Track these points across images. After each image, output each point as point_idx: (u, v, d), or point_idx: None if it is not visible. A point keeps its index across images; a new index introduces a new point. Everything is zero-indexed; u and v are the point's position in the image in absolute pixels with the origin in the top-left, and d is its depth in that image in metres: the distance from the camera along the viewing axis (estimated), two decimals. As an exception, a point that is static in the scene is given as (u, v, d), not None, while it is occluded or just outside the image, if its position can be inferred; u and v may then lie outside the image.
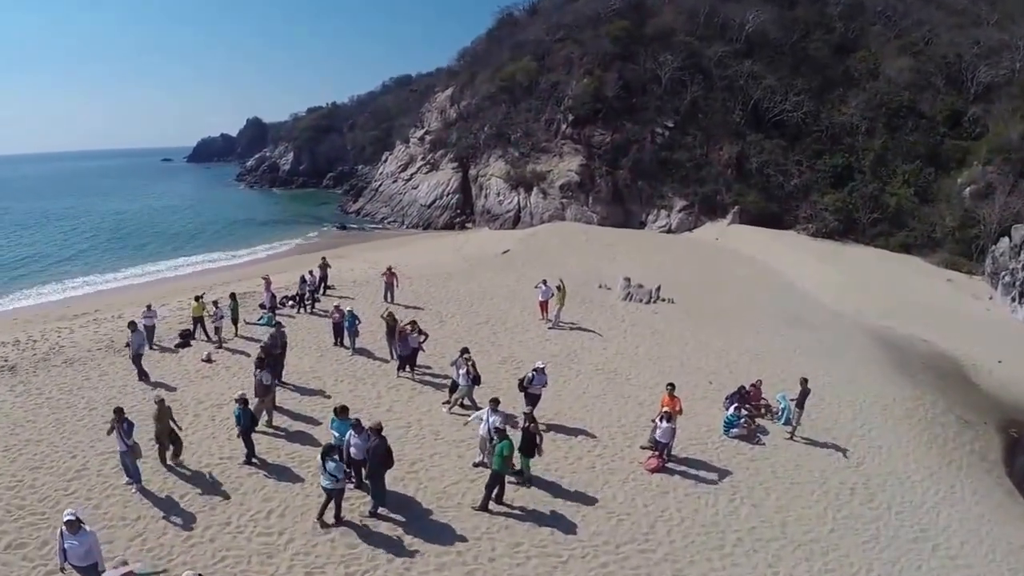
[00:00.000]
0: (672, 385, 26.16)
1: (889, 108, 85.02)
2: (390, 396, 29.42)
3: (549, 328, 40.88)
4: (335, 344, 35.53)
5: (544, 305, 42.06)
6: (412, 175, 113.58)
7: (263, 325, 38.53)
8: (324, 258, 49.48)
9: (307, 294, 43.27)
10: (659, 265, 61.36)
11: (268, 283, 42.35)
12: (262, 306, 41.59)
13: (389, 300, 44.16)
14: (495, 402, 22.84)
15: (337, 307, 35.72)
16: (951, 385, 38.44)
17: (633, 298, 48.05)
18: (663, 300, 48.59)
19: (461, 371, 27.07)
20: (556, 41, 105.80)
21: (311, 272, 44.95)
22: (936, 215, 72.67)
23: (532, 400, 25.60)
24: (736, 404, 28.33)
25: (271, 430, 25.16)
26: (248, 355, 32.74)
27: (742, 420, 27.62)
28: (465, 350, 27.94)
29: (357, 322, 34.34)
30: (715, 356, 37.98)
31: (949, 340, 45.60)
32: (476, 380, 27.18)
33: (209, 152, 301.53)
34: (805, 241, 74.36)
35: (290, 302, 43.41)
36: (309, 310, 42.78)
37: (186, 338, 36.11)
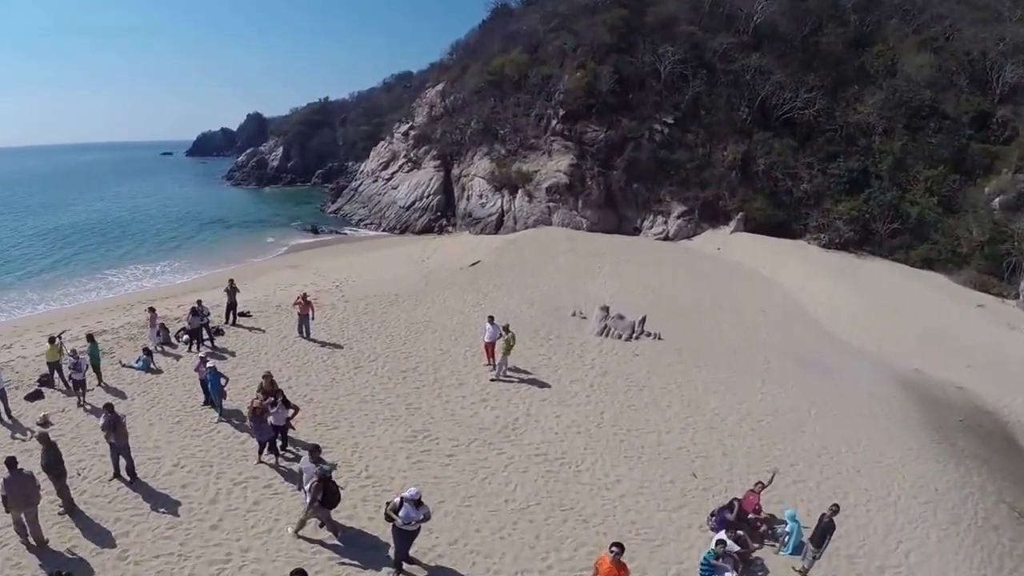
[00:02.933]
0: (618, 548, 15.95)
1: (909, 107, 76.97)
2: (234, 497, 21.23)
3: (492, 379, 32.72)
4: (204, 404, 27.74)
5: (489, 348, 33.90)
6: (393, 174, 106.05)
7: (139, 369, 31.23)
8: (231, 281, 40.18)
9: (201, 328, 35.29)
10: (649, 282, 54.27)
11: (154, 316, 35.15)
12: (146, 350, 32.90)
13: (304, 335, 37.04)
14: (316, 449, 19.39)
15: (203, 359, 27.86)
16: (996, 455, 30.85)
17: (611, 333, 39.89)
18: (648, 335, 40.50)
19: (308, 482, 18.63)
20: (549, 32, 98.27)
21: (200, 302, 35.82)
22: (962, 227, 64.97)
23: (402, 541, 17.77)
24: (725, 527, 20.06)
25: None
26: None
27: (730, 555, 19.00)
28: (316, 448, 19.55)
29: (222, 381, 26.72)
30: (705, 426, 29.52)
31: (988, 387, 38.29)
32: (328, 501, 18.63)
33: (209, 146, 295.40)
34: (816, 253, 66.79)
35: (185, 336, 35.79)
36: (210, 345, 35.20)
37: (44, 384, 28.89)
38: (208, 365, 26.87)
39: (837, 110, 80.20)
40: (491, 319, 33.80)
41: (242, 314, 40.44)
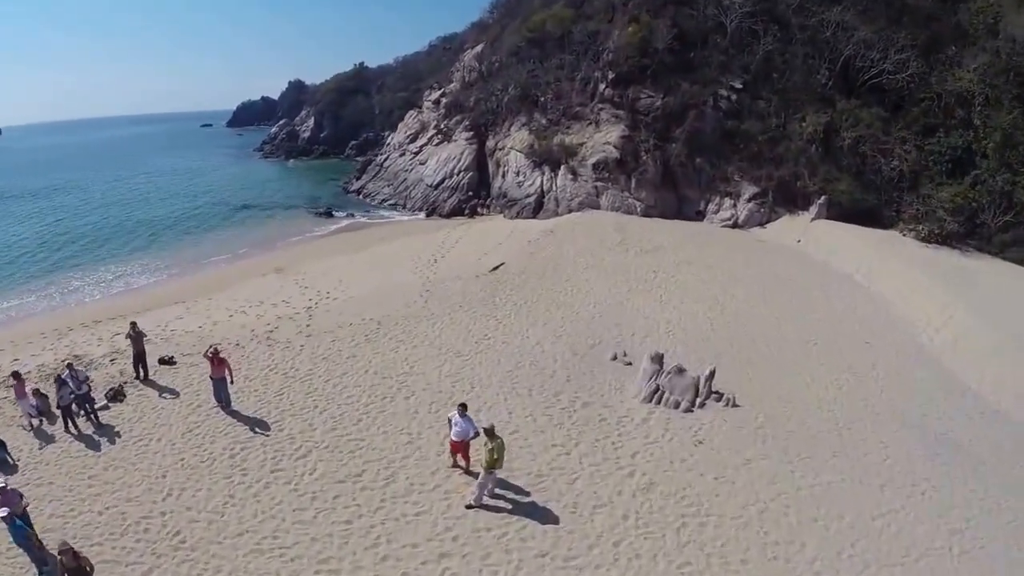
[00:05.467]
0: None
1: (1019, 74, 61.78)
2: None
3: (468, 506, 20.75)
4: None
5: (460, 448, 22.19)
6: (422, 147, 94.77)
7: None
8: (133, 324, 30.27)
9: (72, 404, 25.06)
10: (717, 297, 41.95)
11: (20, 384, 25.69)
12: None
13: (223, 403, 26.73)
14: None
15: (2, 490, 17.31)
16: None
17: (664, 398, 27.47)
18: (717, 398, 28.17)
19: None
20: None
21: (71, 367, 25.85)
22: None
23: None
24: None
25: None
26: None
27: None
28: None
29: (27, 531, 17.05)
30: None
31: None
32: None
33: (249, 116, 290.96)
34: (914, 249, 53.01)
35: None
36: (95, 423, 25.71)
37: None
38: (4, 512, 16.85)
39: (933, 74, 66.07)
40: (462, 409, 21.77)
41: (165, 360, 31.68)
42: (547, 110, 78.20)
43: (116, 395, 27.78)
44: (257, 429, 25.21)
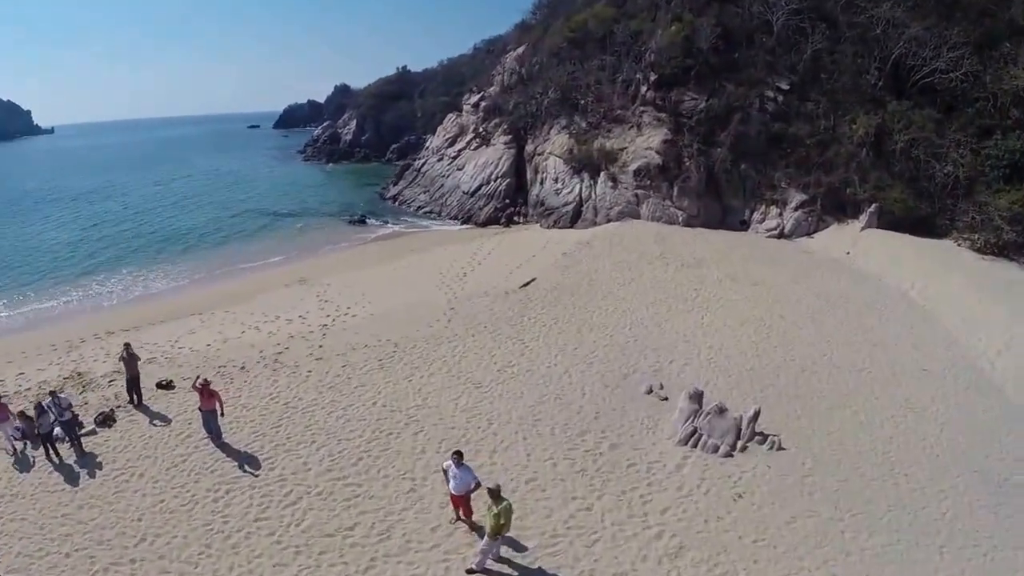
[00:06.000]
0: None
1: None
2: None
3: (468, 571, 18.17)
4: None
5: (460, 502, 19.63)
6: (460, 151, 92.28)
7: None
8: (127, 346, 28.67)
9: (53, 431, 24.12)
10: (763, 319, 38.70)
11: (2, 408, 24.87)
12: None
13: (213, 436, 25.04)
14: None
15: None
16: None
17: (702, 442, 24.52)
18: (761, 440, 25.12)
19: None
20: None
21: (54, 395, 24.77)
22: None
23: None
24: None
25: None
26: None
27: None
28: None
29: None
30: None
31: None
32: None
33: (295, 119, 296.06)
34: (969, 261, 49.25)
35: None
36: (77, 452, 24.53)
37: None
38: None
39: (988, 73, 61.59)
40: (458, 458, 19.25)
41: (163, 385, 30.18)
42: (587, 113, 75.54)
43: (105, 420, 26.56)
44: (247, 467, 23.25)
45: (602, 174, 68.82)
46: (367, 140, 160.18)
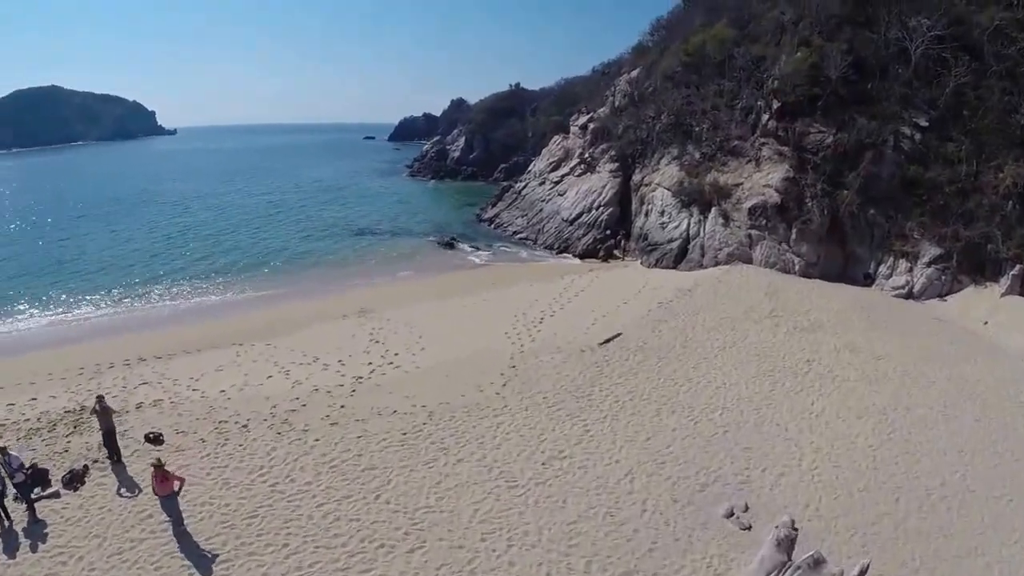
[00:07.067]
0: None
1: None
2: None
3: None
4: None
5: None
6: (563, 176, 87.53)
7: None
8: (100, 399, 25.79)
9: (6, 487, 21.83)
10: (885, 411, 31.60)
11: None
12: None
13: (174, 522, 21.76)
14: None
15: None
16: None
17: None
18: None
19: None
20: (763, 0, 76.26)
21: (5, 452, 22.11)
22: None
23: None
24: None
25: None
26: None
27: None
28: None
29: None
30: None
31: None
32: None
33: (410, 132, 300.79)
34: None
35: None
36: (29, 518, 22.09)
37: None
38: None
39: None
40: None
41: (151, 438, 27.42)
42: (701, 142, 69.73)
43: (73, 480, 23.96)
44: (195, 571, 19.41)
45: (713, 210, 62.94)
46: (475, 158, 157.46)
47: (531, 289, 55.43)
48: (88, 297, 59.27)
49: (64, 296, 59.22)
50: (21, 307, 56.47)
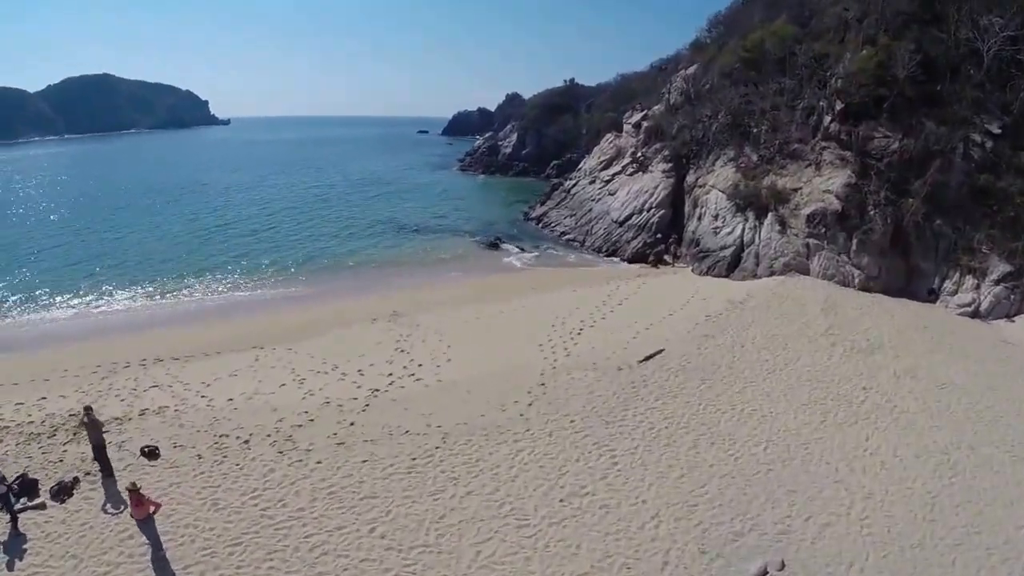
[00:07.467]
0: None
1: None
2: None
3: None
4: None
5: None
6: (614, 175, 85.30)
7: None
8: (88, 410, 24.62)
9: None
10: (947, 450, 28.63)
11: None
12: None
13: (153, 548, 20.76)
14: None
15: None
16: None
17: None
18: None
19: None
20: (827, -6, 72.87)
21: None
22: None
23: None
24: None
25: None
26: None
27: None
28: None
29: None
30: None
31: None
32: None
33: (464, 127, 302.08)
34: None
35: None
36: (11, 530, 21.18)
37: None
38: None
39: None
40: None
41: (146, 452, 26.08)
42: (759, 144, 66.87)
43: (61, 491, 23.08)
44: None
45: (769, 215, 60.21)
46: (527, 154, 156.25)
47: (573, 296, 53.44)
48: (119, 291, 59.52)
49: (96, 289, 59.58)
50: (51, 299, 56.95)
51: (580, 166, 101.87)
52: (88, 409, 24.71)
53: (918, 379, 36.58)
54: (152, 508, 20.61)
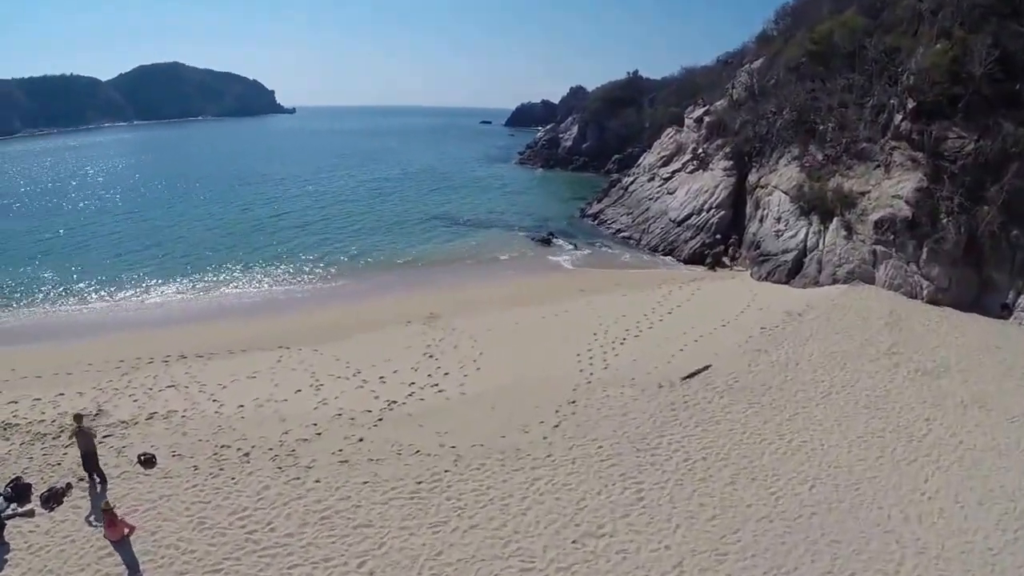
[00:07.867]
0: None
1: None
2: None
3: None
4: None
5: None
6: (674, 172, 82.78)
7: None
8: (78, 418, 24.13)
9: None
10: (1011, 501, 25.09)
11: None
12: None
13: (130, 568, 19.83)
14: None
15: None
16: None
17: None
18: None
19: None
20: (899, -13, 69.21)
21: None
22: None
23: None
24: None
25: None
26: None
27: None
28: None
29: None
30: None
31: None
32: None
33: (527, 118, 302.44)
34: None
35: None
36: None
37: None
38: None
39: None
40: None
41: (143, 459, 25.47)
42: (825, 143, 63.82)
43: (51, 499, 22.74)
44: None
45: (835, 220, 57.31)
46: (588, 148, 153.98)
47: (622, 300, 51.53)
48: (160, 283, 59.78)
49: (137, 281, 60.00)
50: (91, 289, 57.65)
51: (639, 162, 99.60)
52: (79, 417, 24.21)
53: (988, 408, 33.55)
54: (126, 530, 19.97)
